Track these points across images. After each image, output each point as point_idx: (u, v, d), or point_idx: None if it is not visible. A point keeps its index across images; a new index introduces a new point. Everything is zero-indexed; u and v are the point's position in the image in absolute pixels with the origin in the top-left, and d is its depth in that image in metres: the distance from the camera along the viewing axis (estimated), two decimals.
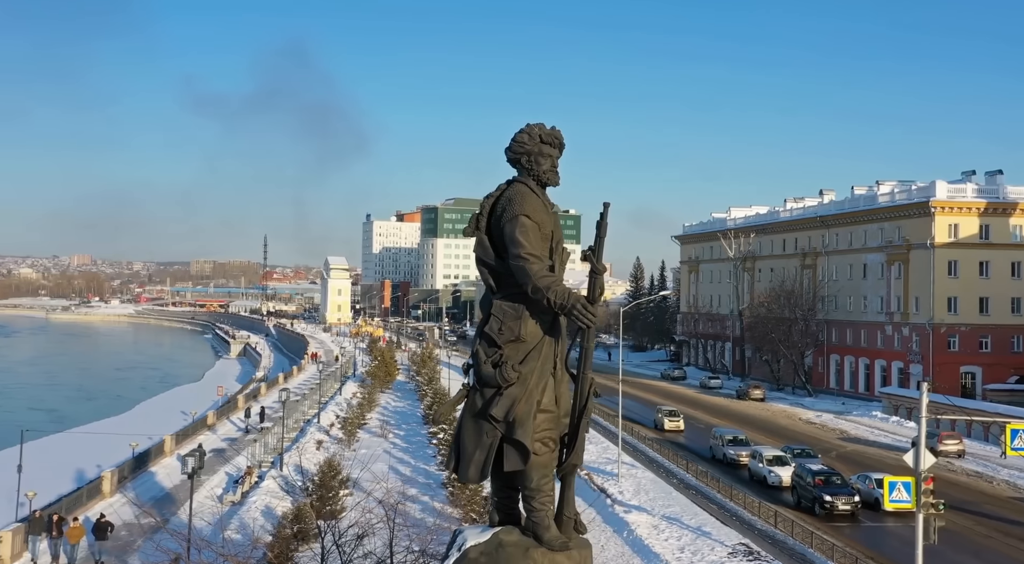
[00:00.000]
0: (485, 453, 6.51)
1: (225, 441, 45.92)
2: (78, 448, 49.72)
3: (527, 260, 6.33)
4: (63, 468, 38.56)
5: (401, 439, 47.81)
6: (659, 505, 35.58)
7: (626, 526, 31.38)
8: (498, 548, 6.55)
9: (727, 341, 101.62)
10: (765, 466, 42.09)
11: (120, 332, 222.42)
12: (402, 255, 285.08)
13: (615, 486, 38.15)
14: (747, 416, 66.12)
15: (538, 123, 6.83)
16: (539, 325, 6.49)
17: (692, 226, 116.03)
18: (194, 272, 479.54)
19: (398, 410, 59.45)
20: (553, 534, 6.51)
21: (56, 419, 74.33)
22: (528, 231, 6.43)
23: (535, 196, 6.64)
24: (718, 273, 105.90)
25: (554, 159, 6.79)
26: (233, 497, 32.40)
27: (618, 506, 34.16)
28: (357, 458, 37.98)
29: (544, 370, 6.49)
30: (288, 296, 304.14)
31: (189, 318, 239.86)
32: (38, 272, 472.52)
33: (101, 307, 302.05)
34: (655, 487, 38.97)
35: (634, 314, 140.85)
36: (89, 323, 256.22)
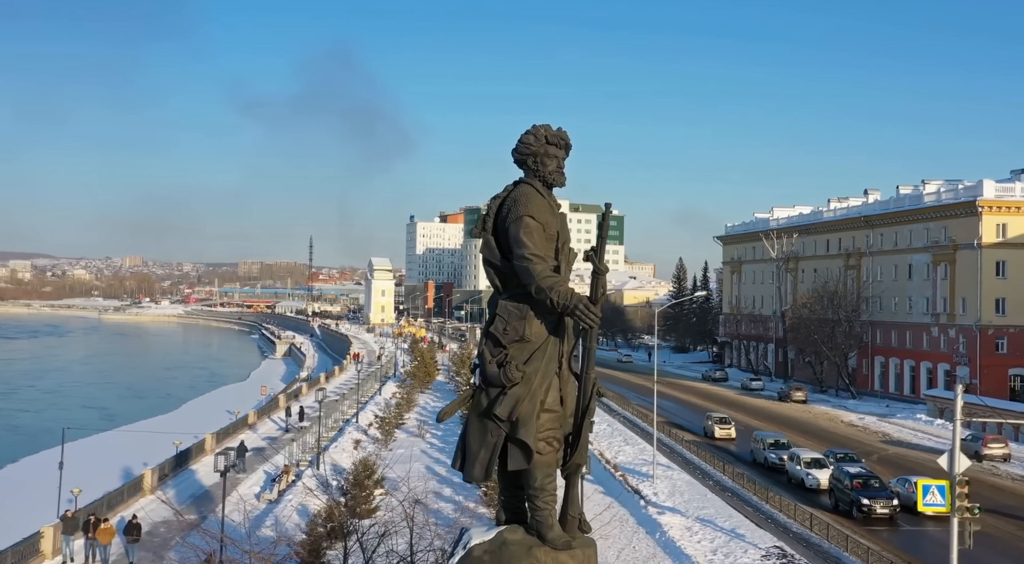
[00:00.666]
0: (490, 452, 6.55)
1: (265, 440, 46.71)
2: (126, 446, 50.90)
3: (531, 261, 6.36)
4: (109, 465, 39.60)
5: (438, 439, 48.23)
6: (693, 507, 35.49)
7: (658, 527, 31.37)
8: (502, 547, 6.58)
9: (769, 343, 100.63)
10: (803, 469, 41.73)
11: (169, 332, 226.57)
12: (445, 256, 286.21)
13: (650, 487, 38.10)
14: (788, 418, 65.47)
15: (544, 124, 6.84)
16: (544, 325, 6.51)
17: (734, 226, 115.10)
18: (242, 273, 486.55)
19: (437, 410, 59.80)
20: (556, 533, 6.52)
21: (107, 417, 76.23)
22: (532, 232, 6.46)
23: (540, 197, 6.67)
24: (760, 274, 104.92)
25: (560, 160, 6.82)
26: (270, 495, 33.01)
27: (651, 507, 34.15)
28: (393, 457, 38.45)
29: (548, 370, 6.51)
30: (333, 297, 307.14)
31: (236, 318, 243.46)
32: (91, 273, 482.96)
33: (151, 308, 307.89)
34: (690, 489, 38.85)
35: (676, 315, 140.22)
36: (140, 323, 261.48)
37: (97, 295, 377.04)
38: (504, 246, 6.65)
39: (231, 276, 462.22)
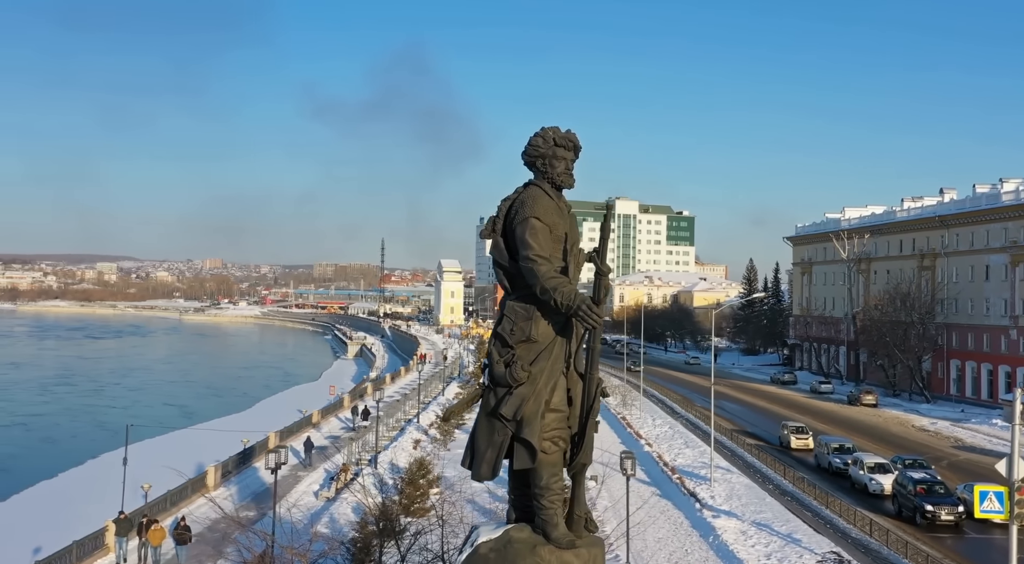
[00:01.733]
0: (496, 451, 6.61)
1: (328, 439, 47.78)
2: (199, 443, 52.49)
3: (535, 262, 6.40)
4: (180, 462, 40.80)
5: None
6: (750, 511, 35.24)
7: (712, 531, 31.26)
8: (507, 544, 6.62)
9: (841, 345, 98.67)
10: (866, 474, 41.02)
11: (246, 332, 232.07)
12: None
13: (707, 491, 37.92)
14: (857, 422, 64.18)
15: (553, 127, 6.86)
16: (551, 326, 6.53)
17: (804, 227, 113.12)
18: (316, 275, 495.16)
19: None
20: (561, 532, 6.54)
21: (186, 414, 78.74)
22: (537, 233, 6.49)
23: (548, 198, 6.70)
24: (831, 275, 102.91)
25: (568, 162, 6.82)
26: (328, 493, 33.85)
27: (707, 511, 34.01)
28: (451, 457, 39.01)
29: (555, 370, 6.54)
30: (405, 298, 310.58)
31: (310, 319, 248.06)
32: (174, 275, 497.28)
33: (229, 309, 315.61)
34: (748, 493, 38.54)
35: (747, 317, 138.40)
36: (218, 324, 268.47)
37: (178, 296, 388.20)
38: (512, 247, 6.70)
39: (306, 278, 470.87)
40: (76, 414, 77.71)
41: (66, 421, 73.84)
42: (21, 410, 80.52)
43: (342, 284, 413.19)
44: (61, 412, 79.02)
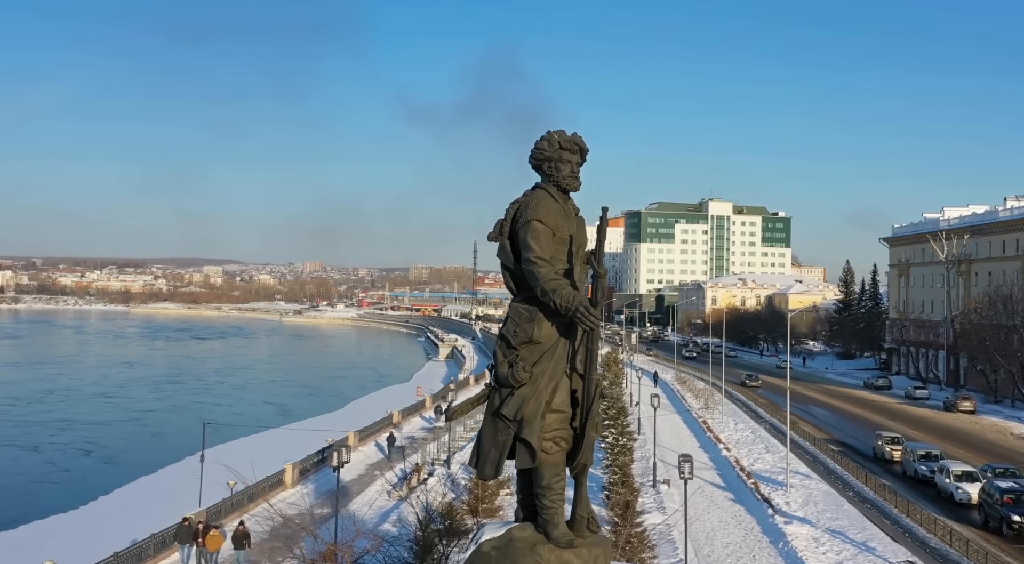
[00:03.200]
0: (499, 451, 6.67)
1: (407, 439, 49.00)
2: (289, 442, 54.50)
3: (536, 264, 6.47)
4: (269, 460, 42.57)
5: None
6: (825, 517, 34.81)
7: (783, 537, 31.03)
8: (508, 543, 6.69)
9: (939, 349, 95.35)
10: (952, 482, 39.90)
11: (343, 334, 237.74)
12: (606, 260, 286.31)
13: (782, 496, 37.57)
14: (951, 429, 62.12)
15: (559, 130, 6.91)
16: (554, 327, 6.58)
17: (901, 227, 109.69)
18: (412, 277, 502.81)
19: None
20: (561, 531, 6.59)
21: (283, 413, 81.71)
22: (539, 235, 6.55)
23: (552, 201, 6.76)
24: (929, 277, 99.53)
25: (573, 165, 6.86)
26: (400, 492, 34.83)
27: (779, 517, 33.74)
28: None
29: (556, 371, 6.58)
30: (498, 300, 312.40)
31: (404, 321, 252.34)
32: (275, 278, 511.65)
33: (327, 311, 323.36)
34: (826, 499, 38.00)
35: (843, 320, 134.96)
36: (316, 325, 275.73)
37: (279, 299, 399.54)
38: (517, 250, 6.76)
39: (402, 280, 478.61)
40: (184, 411, 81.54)
41: (174, 417, 77.62)
42: (135, 406, 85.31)
43: (437, 286, 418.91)
44: (170, 409, 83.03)
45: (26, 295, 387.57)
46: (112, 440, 67.30)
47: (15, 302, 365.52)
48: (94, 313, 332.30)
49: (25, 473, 54.93)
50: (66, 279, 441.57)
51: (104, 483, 49.10)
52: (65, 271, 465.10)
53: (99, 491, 45.62)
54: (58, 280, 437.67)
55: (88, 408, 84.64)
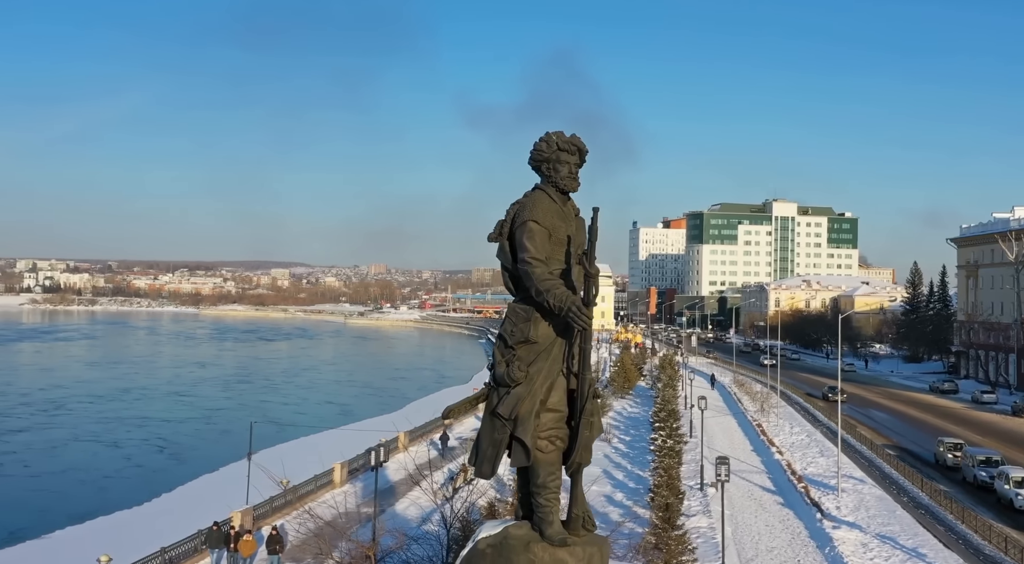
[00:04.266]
0: (496, 450, 6.71)
1: (458, 439, 49.59)
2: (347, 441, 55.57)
3: (531, 264, 6.53)
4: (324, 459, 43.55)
5: (624, 444, 49.14)
6: (876, 523, 34.36)
7: (830, 542, 30.75)
8: (504, 541, 6.74)
9: (1009, 352, 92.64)
10: (1012, 488, 38.96)
11: (405, 336, 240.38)
12: (668, 261, 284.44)
13: (833, 501, 37.15)
14: (1019, 435, 60.35)
15: (557, 131, 6.94)
16: (551, 327, 6.60)
17: (970, 227, 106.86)
18: (475, 280, 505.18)
19: (631, 415, 60.77)
20: (555, 529, 6.61)
21: (344, 413, 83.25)
22: (535, 236, 6.60)
23: (550, 202, 6.80)
24: (999, 278, 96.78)
25: (571, 166, 6.89)
26: (445, 492, 35.30)
27: (827, 521, 33.41)
28: None
29: (552, 371, 6.61)
30: None
31: (465, 323, 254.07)
32: (341, 280, 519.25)
33: (391, 313, 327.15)
34: (879, 504, 37.46)
35: (909, 323, 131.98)
36: (379, 327, 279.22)
37: (344, 301, 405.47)
38: (514, 251, 6.80)
39: (465, 283, 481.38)
40: (251, 410, 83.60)
41: (242, 416, 79.75)
42: (206, 404, 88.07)
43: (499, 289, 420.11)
44: (238, 407, 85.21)
45: (102, 297, 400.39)
46: (183, 437, 69.57)
47: (92, 304, 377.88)
48: (166, 314, 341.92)
49: (101, 468, 57.22)
50: (140, 282, 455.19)
51: (169, 480, 50.81)
52: (139, 274, 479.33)
53: (163, 487, 47.24)
54: (132, 283, 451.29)
55: (162, 406, 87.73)
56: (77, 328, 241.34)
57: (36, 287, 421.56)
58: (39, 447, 64.25)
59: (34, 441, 66.66)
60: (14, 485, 52.60)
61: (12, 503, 47.89)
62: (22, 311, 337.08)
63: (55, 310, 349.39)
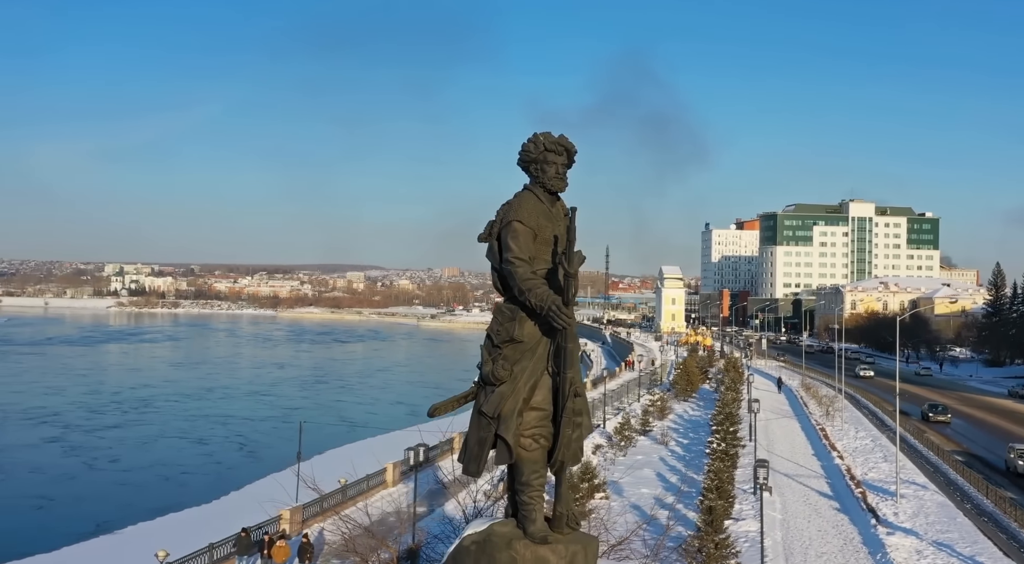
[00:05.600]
0: (481, 448, 6.79)
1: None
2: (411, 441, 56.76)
3: (514, 264, 6.60)
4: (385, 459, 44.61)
5: (681, 447, 49.10)
6: (934, 530, 33.84)
7: (882, 548, 30.46)
8: (487, 538, 6.81)
9: None
10: None
11: (476, 338, 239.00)
12: (741, 263, 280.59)
13: (891, 507, 36.68)
14: None
15: (545, 132, 6.97)
16: (537, 327, 6.64)
17: None
18: None
19: (692, 418, 60.53)
20: (538, 527, 6.65)
21: (412, 413, 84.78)
22: (519, 236, 6.65)
23: (536, 202, 6.84)
24: None
25: (559, 166, 6.90)
26: (496, 493, 35.91)
27: (882, 527, 33.06)
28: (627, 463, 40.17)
29: (536, 370, 6.64)
30: (632, 305, 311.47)
31: None
32: (414, 283, 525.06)
33: (463, 315, 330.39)
34: (939, 511, 36.83)
35: (992, 326, 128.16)
36: (451, 329, 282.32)
37: (418, 303, 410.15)
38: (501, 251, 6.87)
39: None
40: (326, 409, 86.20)
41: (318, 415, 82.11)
42: (283, 403, 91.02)
43: None
44: (315, 407, 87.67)
45: (184, 300, 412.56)
46: (260, 435, 72.10)
47: (175, 307, 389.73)
48: (245, 317, 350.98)
49: (184, 463, 59.92)
50: (220, 285, 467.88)
51: (242, 477, 52.79)
52: (220, 277, 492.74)
53: (233, 485, 49.10)
54: (213, 285, 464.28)
55: (243, 405, 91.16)
56: (161, 330, 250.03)
57: (123, 290, 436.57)
58: (130, 442, 67.92)
59: (126, 437, 70.48)
60: (105, 478, 55.66)
61: (101, 496, 50.69)
62: (109, 313, 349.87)
63: (140, 313, 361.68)
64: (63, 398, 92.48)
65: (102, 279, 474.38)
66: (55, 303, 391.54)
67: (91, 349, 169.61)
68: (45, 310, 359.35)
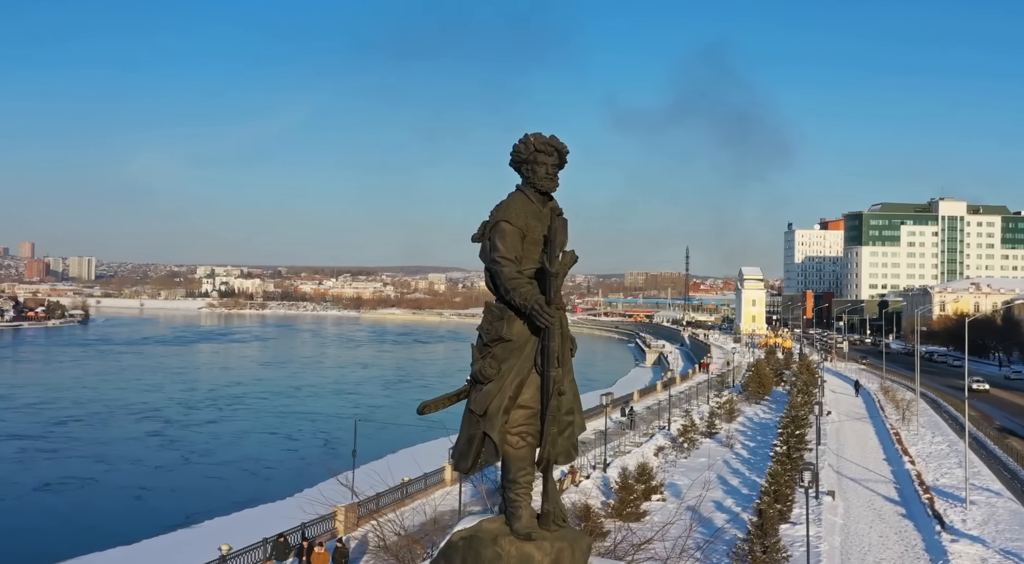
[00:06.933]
0: (471, 445, 6.82)
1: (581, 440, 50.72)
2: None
3: (500, 263, 6.64)
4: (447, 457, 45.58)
5: (747, 450, 48.81)
6: (1003, 538, 33.11)
7: (944, 555, 30.01)
8: (475, 534, 6.90)
9: None
10: None
11: None
12: (826, 264, 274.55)
13: (959, 513, 35.99)
14: None
15: (536, 133, 7.00)
16: (526, 325, 6.67)
17: None
18: (628, 283, 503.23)
19: (762, 421, 59.94)
20: (523, 524, 6.70)
21: None
22: (506, 236, 6.69)
23: (526, 202, 6.89)
24: None
25: (548, 166, 6.92)
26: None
27: (946, 534, 32.51)
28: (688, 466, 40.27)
29: (523, 368, 6.70)
30: (714, 306, 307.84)
31: (615, 327, 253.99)
32: None
33: None
34: (1011, 518, 35.96)
35: None
36: None
37: None
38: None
39: (618, 286, 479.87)
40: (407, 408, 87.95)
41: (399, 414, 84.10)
42: (367, 402, 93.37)
43: (652, 293, 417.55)
44: (397, 405, 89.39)
45: (271, 301, 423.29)
46: (344, 432, 74.15)
47: (262, 308, 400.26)
48: (329, 318, 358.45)
49: (269, 458, 62.30)
50: (306, 286, 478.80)
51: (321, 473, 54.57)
52: (305, 279, 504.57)
53: (308, 483, 50.74)
54: (299, 287, 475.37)
55: (329, 402, 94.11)
56: (249, 330, 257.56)
57: (213, 292, 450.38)
58: (223, 438, 71.25)
59: (219, 432, 73.84)
60: (197, 472, 58.16)
61: (192, 488, 53.11)
62: (200, 314, 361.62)
63: (229, 313, 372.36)
64: (162, 395, 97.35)
65: (194, 281, 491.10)
66: (150, 304, 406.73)
67: (184, 348, 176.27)
68: (140, 311, 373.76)
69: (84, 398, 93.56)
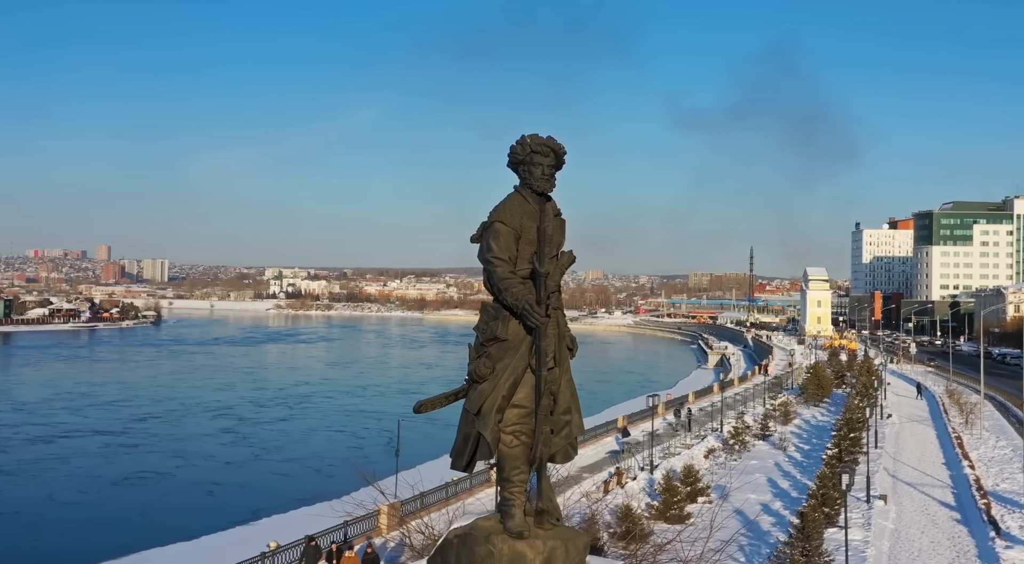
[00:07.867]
0: (467, 444, 7.01)
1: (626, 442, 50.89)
2: None
3: (493, 263, 6.72)
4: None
5: (800, 453, 48.43)
6: None
7: (996, 562, 29.68)
8: (469, 532, 6.99)
9: None
10: None
11: (617, 340, 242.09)
12: (895, 265, 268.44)
13: (1017, 520, 35.34)
14: None
15: (533, 134, 7.03)
16: (521, 325, 6.74)
17: None
18: (692, 285, 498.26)
19: (820, 423, 59.25)
20: (516, 522, 6.76)
21: None
22: (500, 236, 6.76)
23: (522, 203, 6.93)
24: None
25: (544, 167, 6.94)
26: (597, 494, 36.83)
27: (1001, 540, 32.03)
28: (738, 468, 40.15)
29: (518, 367, 6.76)
30: (779, 308, 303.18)
31: (677, 329, 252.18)
32: None
33: (604, 318, 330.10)
34: None
35: None
36: (592, 332, 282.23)
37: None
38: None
39: (682, 287, 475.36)
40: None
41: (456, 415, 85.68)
42: None
43: (716, 294, 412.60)
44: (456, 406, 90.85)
45: (337, 302, 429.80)
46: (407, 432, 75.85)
47: (328, 309, 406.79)
48: (393, 319, 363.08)
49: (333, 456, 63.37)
50: (371, 288, 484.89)
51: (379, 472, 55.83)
52: (370, 280, 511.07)
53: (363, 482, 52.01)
54: (364, 289, 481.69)
55: (394, 402, 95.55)
56: (315, 331, 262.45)
57: (280, 293, 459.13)
58: (292, 435, 73.37)
59: (288, 430, 76.04)
60: (266, 468, 59.99)
61: (260, 484, 54.88)
62: (268, 315, 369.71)
63: (296, 314, 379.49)
64: (233, 393, 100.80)
65: (262, 282, 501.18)
66: (219, 305, 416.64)
67: (253, 348, 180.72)
68: (211, 312, 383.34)
69: (160, 396, 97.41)
